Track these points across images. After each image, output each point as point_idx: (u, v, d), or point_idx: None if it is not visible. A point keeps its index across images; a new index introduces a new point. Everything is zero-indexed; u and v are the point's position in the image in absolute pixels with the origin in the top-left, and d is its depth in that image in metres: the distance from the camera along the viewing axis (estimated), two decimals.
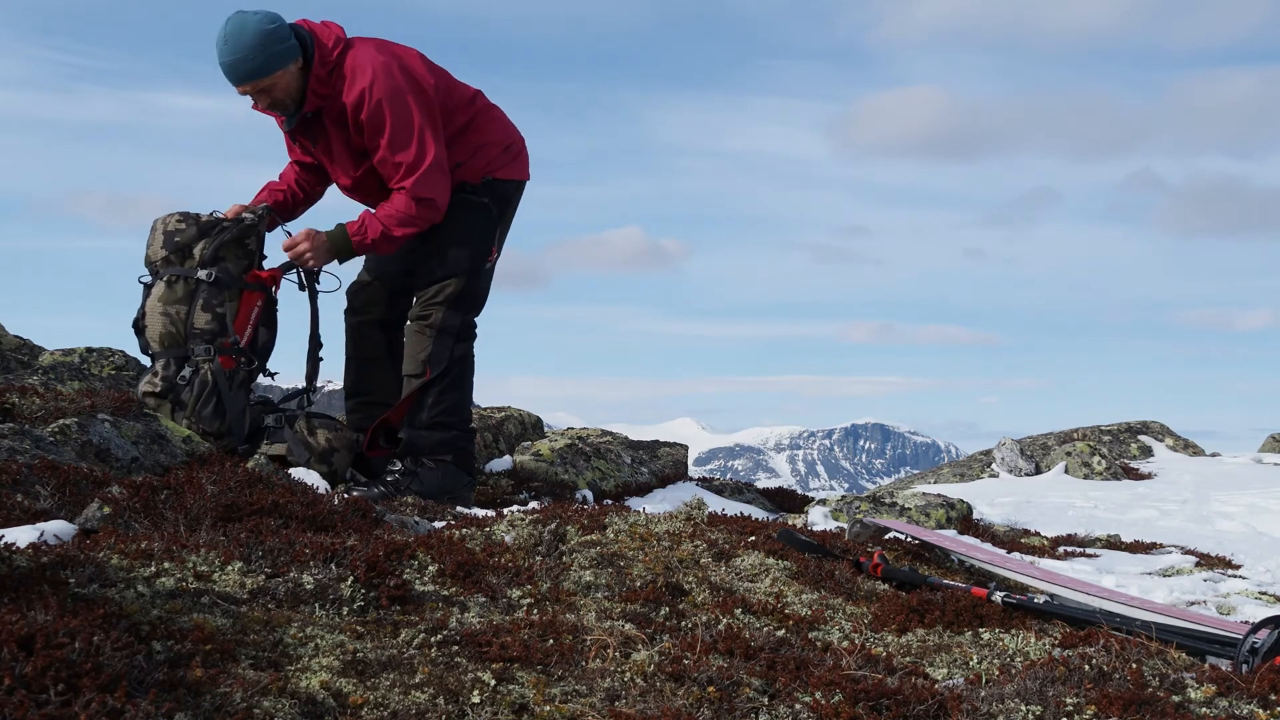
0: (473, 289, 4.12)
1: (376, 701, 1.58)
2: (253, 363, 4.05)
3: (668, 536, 2.98)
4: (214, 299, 3.96)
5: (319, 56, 3.82)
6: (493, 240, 4.18)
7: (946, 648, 2.28)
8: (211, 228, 4.01)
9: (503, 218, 4.24)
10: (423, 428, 4.05)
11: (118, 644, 1.47)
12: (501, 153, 4.19)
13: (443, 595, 2.21)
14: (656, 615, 2.29)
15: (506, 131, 4.25)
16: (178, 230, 4.01)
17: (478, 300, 4.19)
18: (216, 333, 3.96)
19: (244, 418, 4.02)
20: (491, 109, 4.24)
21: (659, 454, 6.00)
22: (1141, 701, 1.74)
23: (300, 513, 2.65)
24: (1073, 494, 8.12)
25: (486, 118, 4.21)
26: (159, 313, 3.99)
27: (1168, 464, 10.41)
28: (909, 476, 13.05)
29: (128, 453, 3.43)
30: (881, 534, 3.85)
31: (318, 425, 4.04)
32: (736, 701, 1.74)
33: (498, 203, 4.17)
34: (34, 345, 5.51)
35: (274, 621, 1.83)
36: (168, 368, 3.99)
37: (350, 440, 4.10)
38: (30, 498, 2.62)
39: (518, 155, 4.28)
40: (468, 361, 4.18)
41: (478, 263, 4.12)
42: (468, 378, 4.19)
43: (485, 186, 4.15)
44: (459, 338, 4.10)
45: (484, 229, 4.14)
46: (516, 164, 4.26)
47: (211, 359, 3.96)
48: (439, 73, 4.09)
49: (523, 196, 4.40)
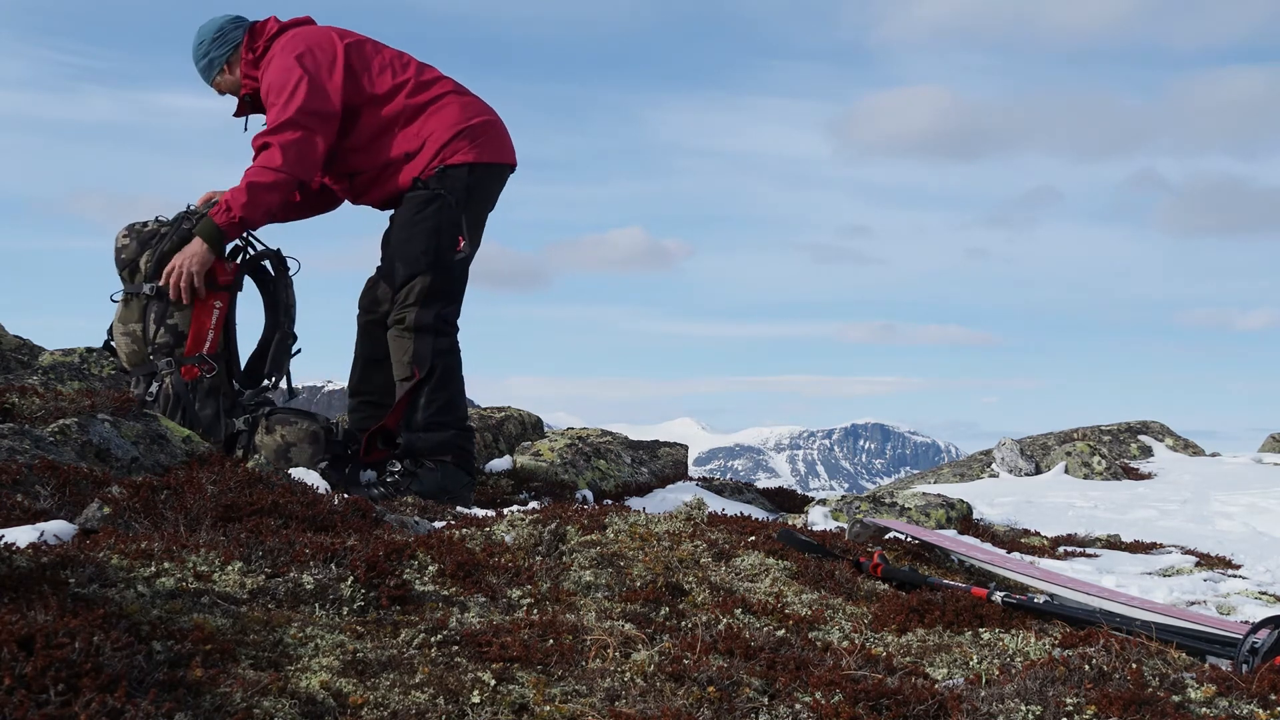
0: (441, 283, 4.06)
1: (376, 701, 1.58)
2: (213, 369, 3.99)
3: (668, 536, 2.98)
4: (162, 311, 3.95)
5: (246, 44, 4.11)
6: (458, 229, 4.08)
7: (946, 648, 2.28)
8: (150, 238, 3.99)
9: (467, 205, 4.12)
10: (420, 430, 4.03)
11: (118, 644, 1.47)
12: (455, 138, 4.09)
13: (443, 595, 2.21)
14: (656, 615, 2.29)
15: (464, 115, 4.15)
16: (123, 247, 4.03)
17: (451, 293, 4.11)
18: (174, 344, 3.95)
19: (218, 424, 3.99)
20: (448, 98, 4.16)
21: (659, 454, 6.00)
22: (1141, 701, 1.74)
23: (300, 513, 2.65)
24: (1073, 494, 8.12)
25: (439, 106, 4.13)
26: (120, 333, 4.03)
27: (1168, 464, 10.41)
28: (909, 476, 13.05)
29: (128, 453, 3.43)
30: (881, 534, 3.85)
31: (276, 423, 3.96)
32: (736, 701, 1.74)
33: (455, 190, 4.07)
34: (34, 345, 5.50)
35: (274, 621, 1.83)
36: (138, 386, 4.01)
37: (309, 433, 3.95)
38: (30, 498, 2.62)
39: (479, 138, 4.16)
40: (453, 357, 4.11)
41: (443, 256, 4.05)
42: (455, 373, 4.13)
43: (438, 176, 4.08)
44: (438, 333, 4.05)
45: (443, 220, 4.05)
46: (477, 147, 4.14)
47: (173, 371, 3.95)
48: (370, 53, 4.08)
49: (504, 181, 4.30)
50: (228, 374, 4.11)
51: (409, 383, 4.05)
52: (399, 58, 4.15)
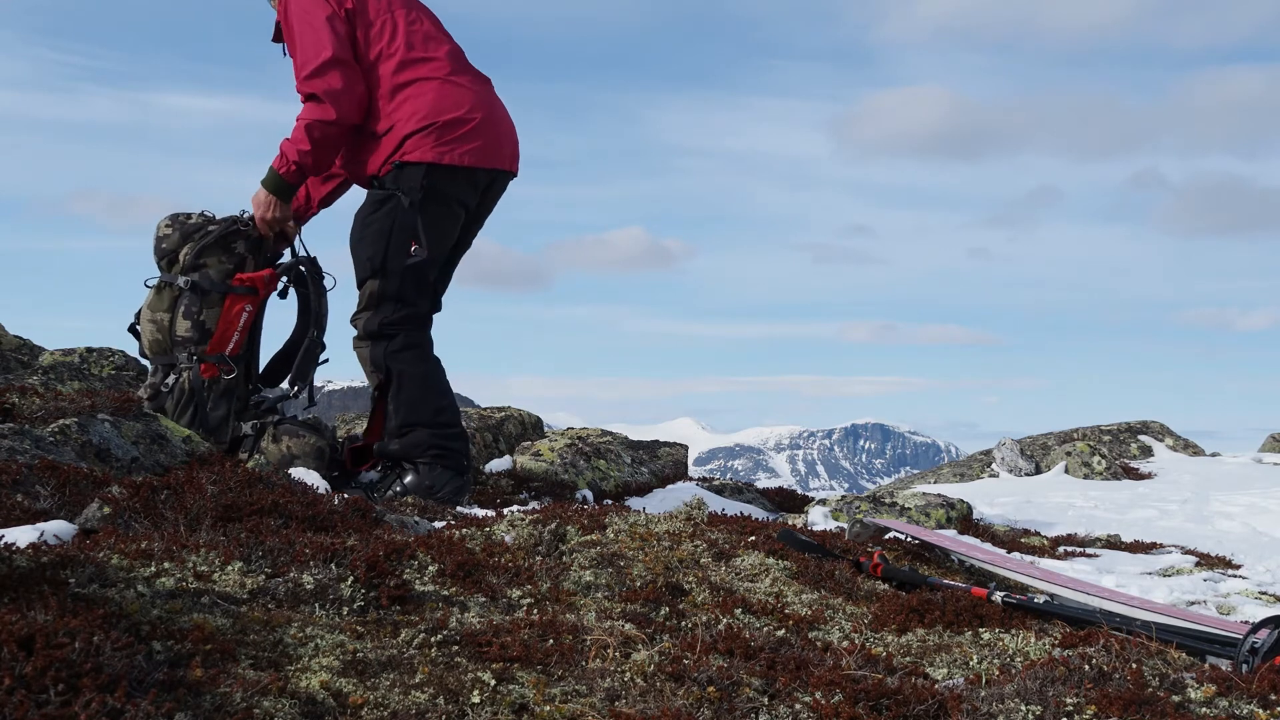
0: (387, 288, 3.85)
1: (376, 701, 1.58)
2: (232, 371, 3.97)
3: (668, 536, 2.98)
4: (194, 306, 3.92)
5: None
6: (410, 233, 3.80)
7: (946, 648, 2.28)
8: (195, 231, 3.96)
9: (423, 207, 3.82)
10: (394, 435, 3.96)
11: (118, 644, 1.47)
12: (418, 132, 3.81)
13: (443, 595, 2.21)
14: (656, 615, 2.29)
15: (436, 107, 3.84)
16: (165, 236, 4.00)
17: (400, 298, 3.88)
18: (196, 340, 3.93)
19: (226, 426, 3.98)
20: (428, 84, 3.86)
21: (659, 454, 6.00)
22: (1141, 701, 1.74)
23: (300, 513, 2.65)
24: (1073, 494, 8.12)
25: (417, 90, 3.85)
26: (147, 319, 4.00)
27: (1168, 464, 10.41)
28: (909, 476, 13.05)
29: (128, 453, 3.43)
30: (881, 534, 3.85)
31: (283, 433, 3.96)
32: (736, 701, 1.74)
33: (410, 191, 3.79)
34: (34, 345, 5.51)
35: (274, 621, 1.83)
36: (155, 374, 4.00)
37: (314, 448, 3.94)
38: (30, 498, 2.62)
39: (448, 136, 3.84)
40: (408, 355, 3.91)
41: (391, 261, 3.82)
42: (416, 372, 3.93)
43: (393, 174, 3.84)
44: (385, 337, 3.90)
45: (395, 223, 3.81)
46: (442, 146, 3.83)
47: (192, 367, 3.94)
48: (373, 10, 3.86)
49: (478, 186, 3.97)
50: (245, 377, 4.09)
51: (376, 391, 4.03)
52: (394, 22, 3.88)
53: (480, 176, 3.98)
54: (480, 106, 3.95)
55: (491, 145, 3.97)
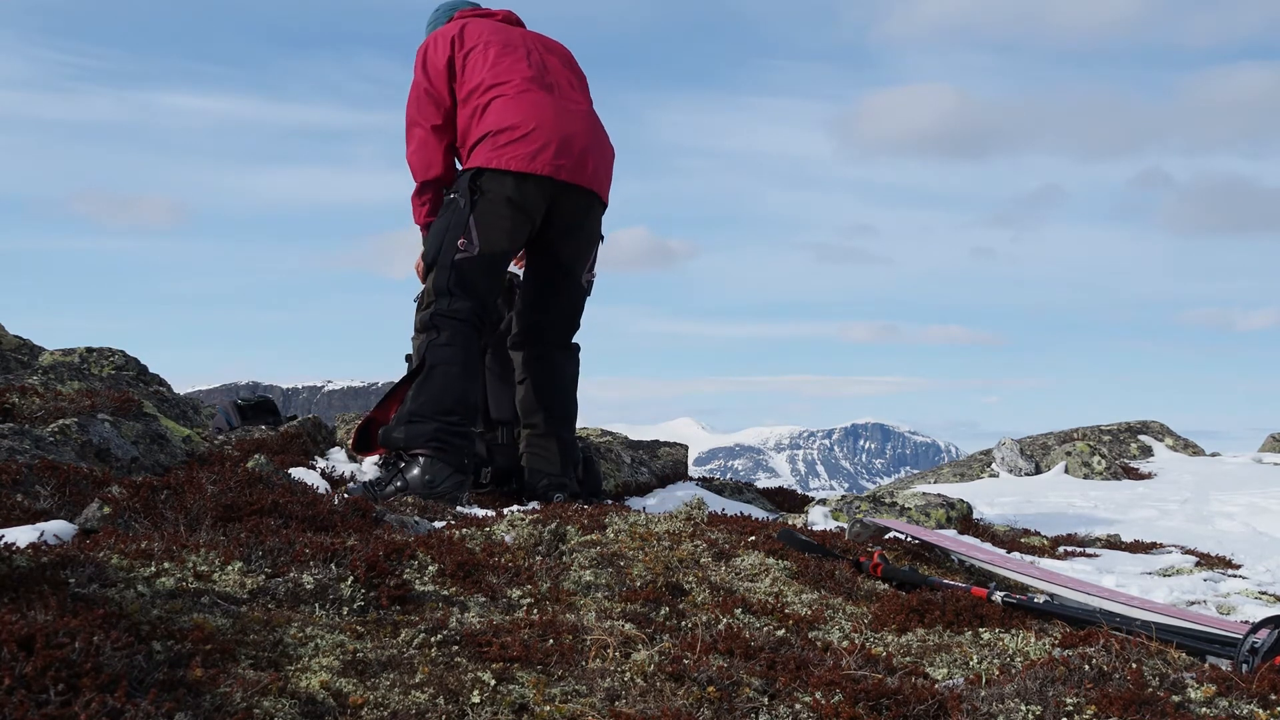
0: (440, 281, 4.13)
1: (376, 701, 1.58)
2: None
3: (668, 536, 2.98)
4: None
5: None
6: (461, 229, 4.13)
7: (946, 648, 2.28)
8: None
9: (474, 207, 4.14)
10: (402, 422, 4.01)
11: (118, 644, 1.47)
12: (479, 144, 4.20)
13: (443, 595, 2.21)
14: (656, 615, 2.29)
15: (497, 121, 4.18)
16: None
17: (451, 290, 4.11)
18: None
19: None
20: (497, 102, 4.21)
21: (659, 454, 6.00)
22: (1141, 701, 1.74)
23: (300, 513, 2.65)
24: (1073, 494, 8.12)
25: (489, 110, 4.23)
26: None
27: (1168, 464, 10.40)
28: (909, 476, 13.05)
29: (128, 453, 3.43)
30: (881, 534, 3.85)
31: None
32: (736, 701, 1.74)
33: (463, 193, 4.17)
34: (34, 345, 5.51)
35: (274, 621, 1.83)
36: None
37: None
38: (30, 498, 2.62)
39: (504, 144, 4.15)
40: (446, 353, 4.05)
41: (445, 255, 4.14)
42: (449, 368, 4.04)
43: (456, 180, 4.28)
44: (434, 328, 4.09)
45: (449, 221, 4.18)
46: (494, 153, 4.15)
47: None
48: (475, 52, 4.31)
49: (527, 192, 4.16)
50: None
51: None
52: (487, 56, 4.30)
53: (536, 184, 4.18)
54: (540, 118, 4.19)
55: (549, 154, 4.17)
